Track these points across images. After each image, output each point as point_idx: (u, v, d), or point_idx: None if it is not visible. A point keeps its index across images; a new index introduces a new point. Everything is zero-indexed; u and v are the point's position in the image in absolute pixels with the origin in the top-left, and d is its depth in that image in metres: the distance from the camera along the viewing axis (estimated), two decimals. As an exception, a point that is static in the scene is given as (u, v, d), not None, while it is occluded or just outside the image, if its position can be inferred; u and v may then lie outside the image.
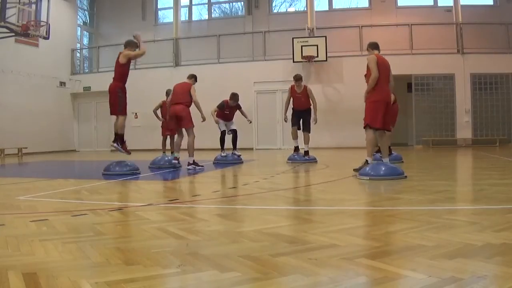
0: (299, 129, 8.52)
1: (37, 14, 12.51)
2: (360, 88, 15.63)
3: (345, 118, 14.37)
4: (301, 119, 8.47)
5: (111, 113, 6.75)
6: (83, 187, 5.07)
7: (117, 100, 6.55)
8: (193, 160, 7.39)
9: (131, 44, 6.69)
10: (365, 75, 5.86)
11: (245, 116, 9.02)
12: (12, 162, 11.05)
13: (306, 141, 8.49)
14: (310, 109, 8.50)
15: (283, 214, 3.32)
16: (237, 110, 9.02)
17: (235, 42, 16.21)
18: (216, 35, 16.14)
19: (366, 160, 5.75)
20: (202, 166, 7.44)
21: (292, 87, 8.49)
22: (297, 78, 8.43)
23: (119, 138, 6.68)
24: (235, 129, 9.00)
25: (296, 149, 8.61)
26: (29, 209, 3.52)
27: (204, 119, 7.60)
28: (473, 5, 15.39)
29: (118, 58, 6.60)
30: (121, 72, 6.60)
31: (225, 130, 8.94)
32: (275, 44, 15.51)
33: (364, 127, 5.73)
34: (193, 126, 7.46)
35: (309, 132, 8.47)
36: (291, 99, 8.53)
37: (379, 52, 5.82)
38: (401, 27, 14.66)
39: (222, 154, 8.88)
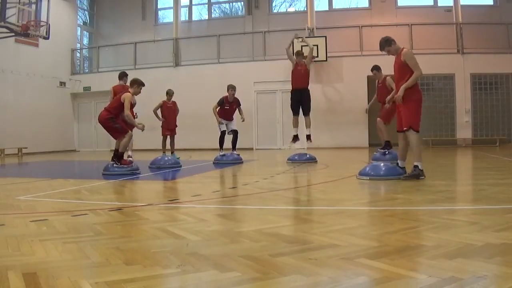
0: (298, 114, 8.47)
1: (37, 14, 12.51)
2: (360, 88, 15.70)
3: (345, 118, 14.38)
4: (301, 103, 8.43)
5: (115, 138, 6.59)
6: (83, 187, 5.07)
7: (113, 128, 6.43)
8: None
9: (138, 83, 6.63)
10: (396, 75, 5.32)
11: (241, 114, 9.00)
12: (12, 162, 11.05)
13: (308, 124, 8.45)
14: (308, 90, 8.46)
15: (283, 214, 3.31)
16: (236, 108, 8.98)
17: (235, 42, 16.22)
18: (216, 35, 16.14)
19: (417, 166, 5.08)
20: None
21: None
22: (298, 54, 8.48)
23: (119, 156, 6.48)
24: (236, 130, 8.98)
25: (295, 137, 8.53)
26: (29, 209, 3.52)
27: None
28: (473, 5, 15.40)
29: (122, 94, 6.50)
30: (119, 108, 6.46)
31: (225, 131, 8.91)
32: (275, 44, 15.48)
33: (406, 130, 5.17)
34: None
35: (309, 115, 8.45)
36: (292, 74, 8.50)
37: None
38: (401, 27, 14.64)
39: (221, 154, 8.85)
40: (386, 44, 5.40)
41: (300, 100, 8.45)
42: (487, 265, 1.80)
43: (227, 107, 8.83)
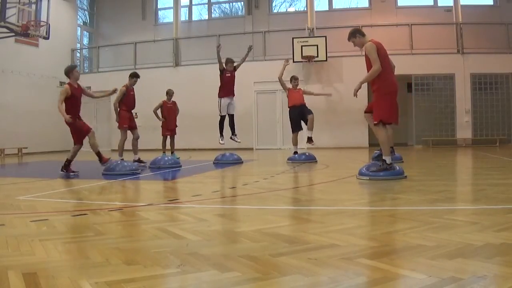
0: (300, 129, 8.66)
1: (37, 14, 12.51)
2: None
3: (345, 118, 14.38)
4: (302, 113, 8.56)
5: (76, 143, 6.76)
6: (83, 187, 5.07)
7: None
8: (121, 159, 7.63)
9: (71, 72, 6.83)
10: (367, 69, 5.23)
11: (245, 57, 9.28)
12: (12, 162, 11.05)
13: (311, 126, 8.45)
14: (305, 105, 8.73)
15: (283, 214, 3.31)
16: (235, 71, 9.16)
17: (235, 42, 16.19)
18: (216, 35, 16.13)
19: (384, 160, 5.04)
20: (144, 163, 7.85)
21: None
22: (294, 78, 8.98)
23: (99, 155, 6.60)
24: (233, 114, 8.90)
25: (296, 153, 8.65)
26: (29, 209, 3.52)
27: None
28: (473, 5, 15.39)
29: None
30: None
31: (224, 115, 8.80)
32: (275, 44, 15.49)
33: (376, 124, 5.06)
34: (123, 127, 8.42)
35: (312, 113, 8.52)
36: (288, 95, 8.94)
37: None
38: (401, 27, 14.65)
39: (221, 142, 8.74)
40: (351, 35, 5.37)
41: (302, 112, 8.59)
42: (487, 265, 1.80)
43: (228, 75, 8.91)
